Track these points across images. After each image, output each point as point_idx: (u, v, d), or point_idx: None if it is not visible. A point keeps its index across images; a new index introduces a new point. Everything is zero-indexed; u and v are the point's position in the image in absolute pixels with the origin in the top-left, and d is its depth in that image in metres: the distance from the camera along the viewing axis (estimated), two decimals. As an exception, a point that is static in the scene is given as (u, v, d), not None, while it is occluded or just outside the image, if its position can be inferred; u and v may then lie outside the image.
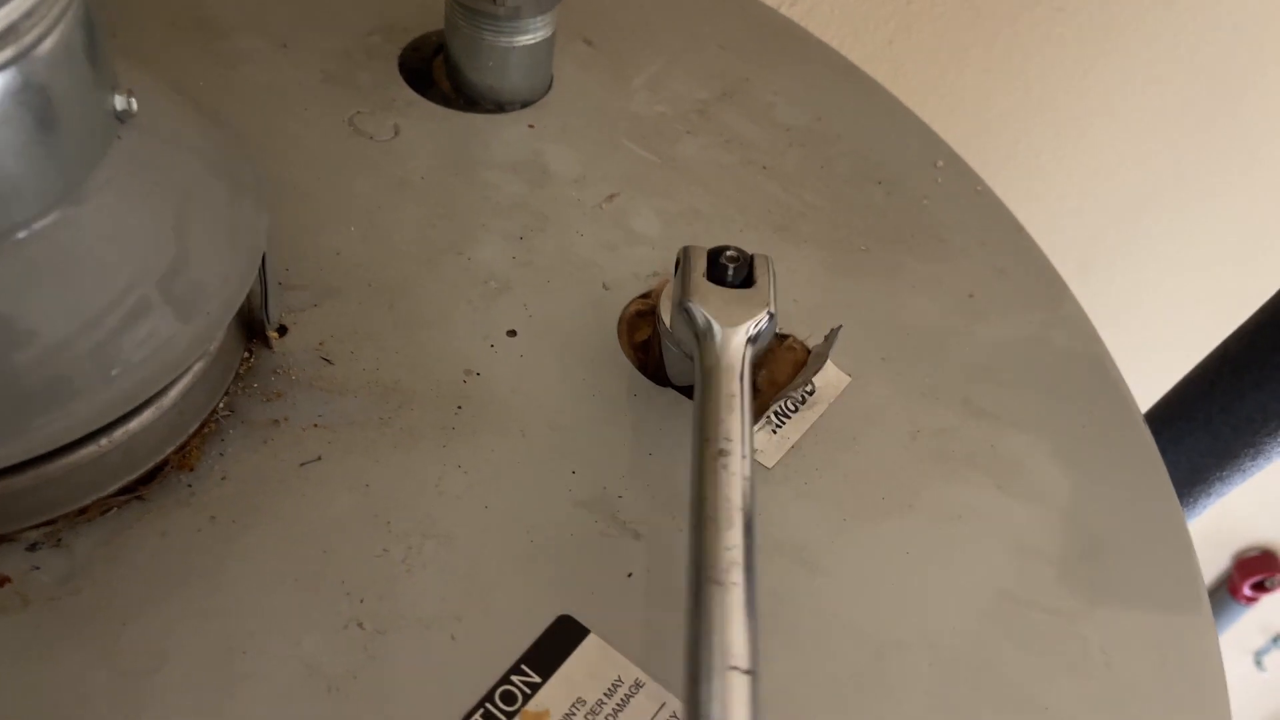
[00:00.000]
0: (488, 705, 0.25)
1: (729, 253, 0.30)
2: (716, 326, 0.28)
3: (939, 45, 0.61)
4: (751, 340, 0.28)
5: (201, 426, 0.28)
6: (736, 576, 0.23)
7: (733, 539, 0.23)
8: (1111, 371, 0.36)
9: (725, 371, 0.27)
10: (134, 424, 0.26)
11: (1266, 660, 1.31)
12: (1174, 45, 0.70)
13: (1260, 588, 1.20)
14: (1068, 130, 0.72)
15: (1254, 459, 0.38)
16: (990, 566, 0.30)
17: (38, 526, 0.26)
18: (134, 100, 0.25)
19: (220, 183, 0.27)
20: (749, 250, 0.31)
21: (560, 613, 0.27)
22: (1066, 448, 0.33)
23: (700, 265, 0.30)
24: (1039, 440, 0.33)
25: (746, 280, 0.30)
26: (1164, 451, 0.34)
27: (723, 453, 0.25)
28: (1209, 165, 0.80)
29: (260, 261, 0.28)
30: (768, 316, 0.29)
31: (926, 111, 0.44)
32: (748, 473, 0.25)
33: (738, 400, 0.26)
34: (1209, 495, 0.40)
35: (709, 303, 0.29)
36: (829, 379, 0.33)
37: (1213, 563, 1.20)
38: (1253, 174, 0.80)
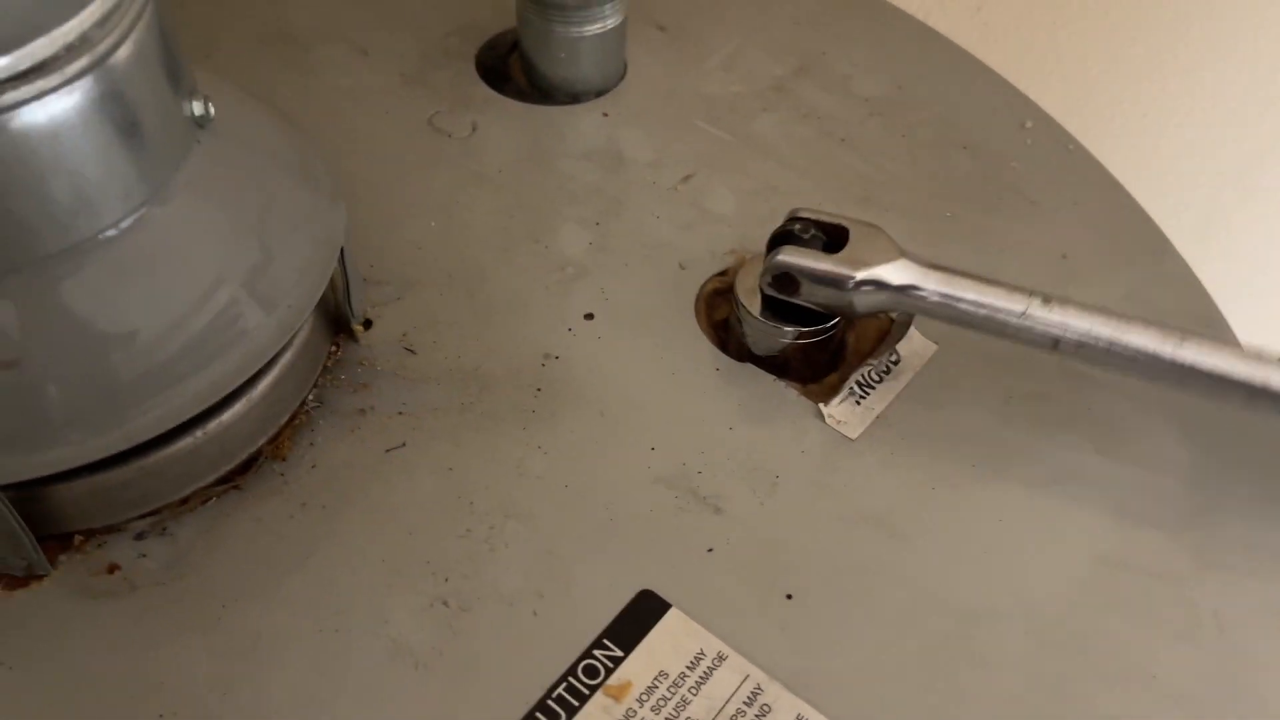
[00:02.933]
0: (570, 679, 0.25)
1: (797, 221, 0.30)
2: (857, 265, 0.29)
3: (1028, 8, 0.59)
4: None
5: (292, 418, 0.30)
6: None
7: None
8: (1221, 329, 0.34)
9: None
10: (226, 415, 0.27)
11: None
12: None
13: None
14: (1174, 86, 0.68)
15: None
16: (1090, 532, 0.29)
17: (143, 516, 0.28)
18: (210, 105, 0.26)
19: (297, 181, 0.28)
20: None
21: (641, 587, 0.27)
22: (1171, 409, 0.32)
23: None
24: (1141, 402, 0.32)
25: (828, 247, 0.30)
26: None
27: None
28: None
29: (339, 255, 0.29)
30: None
31: (1019, 78, 0.43)
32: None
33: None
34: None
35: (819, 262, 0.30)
36: (914, 348, 0.33)
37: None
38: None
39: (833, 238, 0.30)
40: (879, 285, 0.30)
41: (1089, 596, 0.28)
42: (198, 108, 0.25)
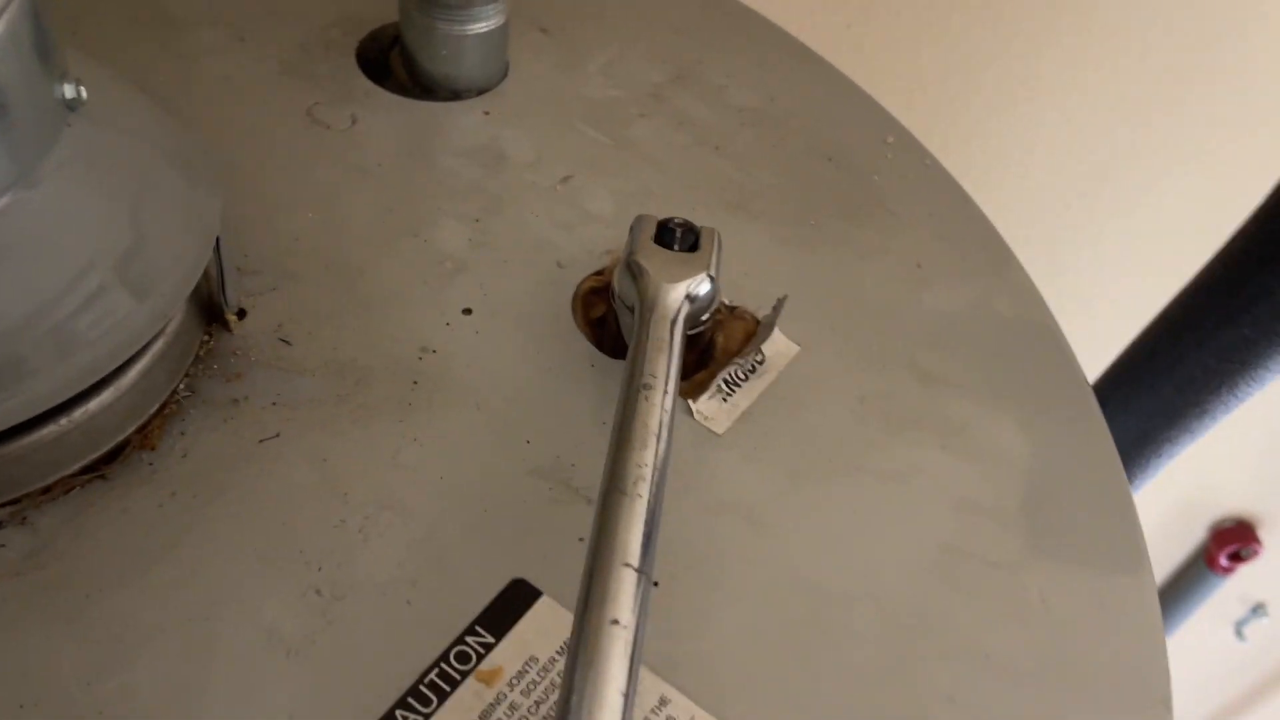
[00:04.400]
0: (443, 665, 0.26)
1: (676, 220, 0.32)
2: (656, 281, 0.30)
3: (896, 27, 0.62)
4: (690, 299, 0.30)
5: (162, 407, 0.29)
6: (642, 490, 0.24)
7: (644, 459, 0.25)
8: (1056, 336, 0.37)
9: (658, 321, 0.29)
10: (93, 404, 0.27)
11: (1246, 630, 1.33)
12: (1125, 24, 0.71)
13: (1236, 558, 1.21)
14: (1025, 109, 0.73)
15: (1199, 418, 0.39)
16: (934, 522, 0.31)
17: (3, 505, 0.27)
18: (83, 89, 0.25)
19: (172, 167, 0.28)
20: (699, 224, 0.32)
21: (514, 576, 0.28)
22: (1011, 410, 0.34)
23: (649, 231, 0.32)
24: (984, 403, 0.34)
25: (692, 248, 0.32)
26: (1113, 417, 0.35)
27: (646, 386, 0.27)
28: (1164, 142, 0.81)
29: (215, 244, 0.29)
30: (707, 280, 0.30)
31: (886, 94, 0.45)
32: (668, 407, 0.27)
33: (666, 344, 0.28)
34: (1159, 456, 0.41)
35: (652, 262, 0.30)
36: (778, 348, 0.34)
37: (1188, 535, 1.21)
38: (1206, 151, 0.81)
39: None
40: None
41: (932, 581, 0.30)
42: (69, 91, 0.25)
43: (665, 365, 0.28)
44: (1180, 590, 1.27)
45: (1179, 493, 1.13)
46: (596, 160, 0.39)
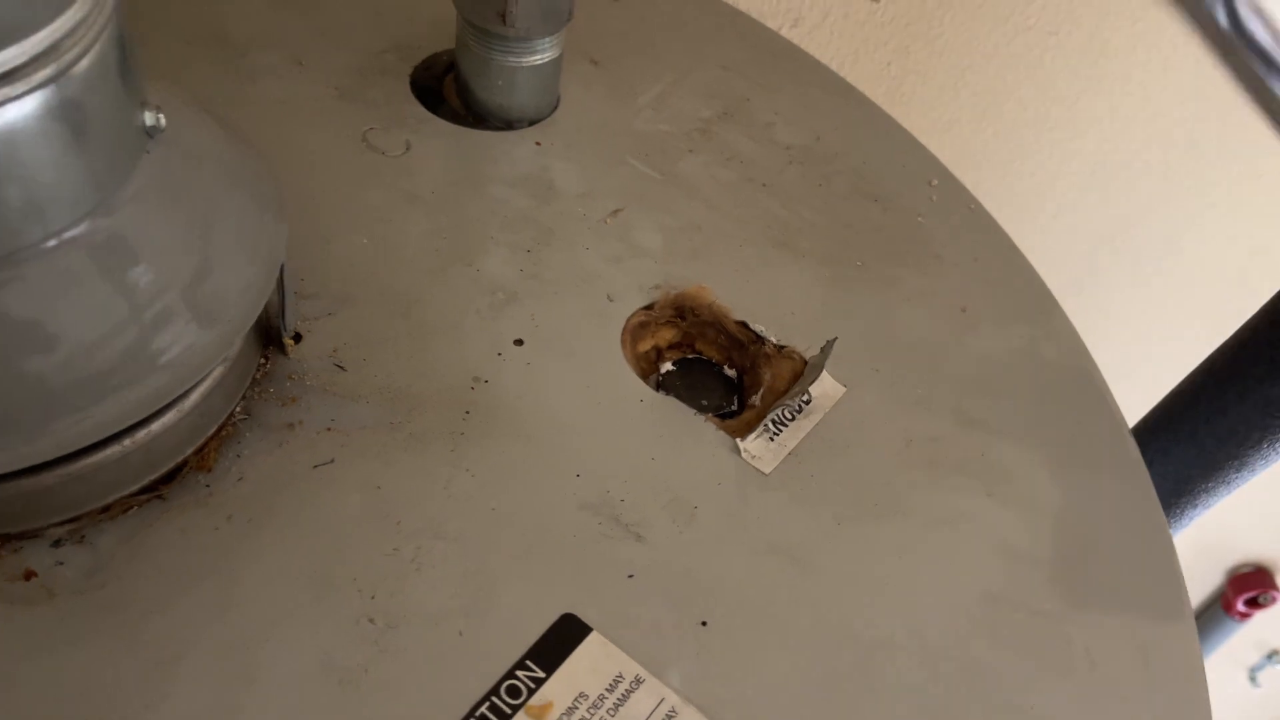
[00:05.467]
0: (493, 698, 0.26)
1: None
2: None
3: (936, 68, 0.62)
4: None
5: (219, 429, 0.30)
6: None
7: None
8: (1099, 384, 0.37)
9: None
10: (156, 425, 0.27)
11: (1261, 677, 1.32)
12: (1163, 70, 0.71)
13: (1254, 604, 1.21)
14: (1060, 150, 0.73)
15: (1238, 470, 0.39)
16: (978, 569, 0.31)
17: (63, 523, 0.27)
18: (162, 117, 0.26)
19: (243, 195, 0.28)
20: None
21: (564, 611, 0.28)
22: (1054, 456, 0.34)
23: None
24: (1027, 449, 0.34)
25: None
26: (1151, 464, 0.36)
27: None
28: (1199, 185, 0.81)
29: (279, 272, 0.29)
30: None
31: (923, 131, 0.46)
32: None
33: None
34: (1195, 506, 0.41)
35: None
36: (825, 389, 0.35)
37: (1206, 579, 1.21)
38: (1241, 192, 0.81)
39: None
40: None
41: (976, 630, 0.30)
42: (150, 119, 0.25)
43: None
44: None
45: (1197, 536, 1.12)
46: (645, 194, 0.39)
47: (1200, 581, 1.21)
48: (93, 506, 0.27)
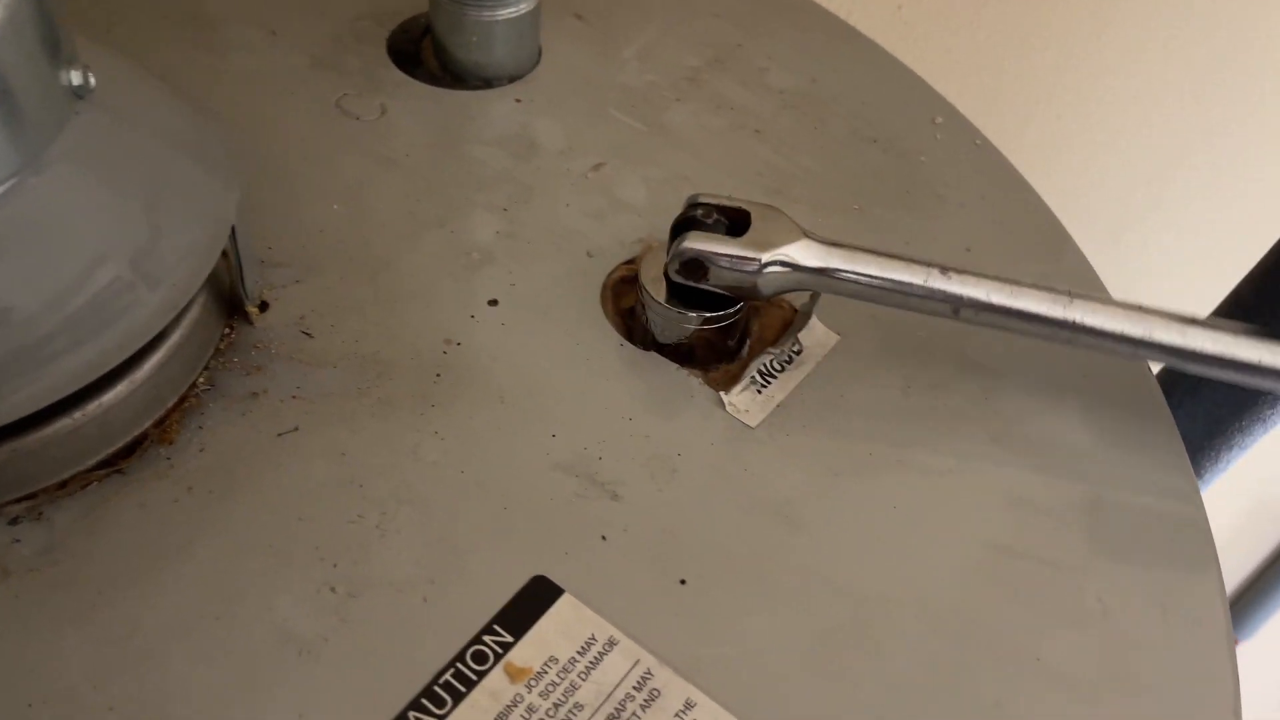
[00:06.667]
0: (459, 664, 0.25)
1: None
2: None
3: (948, 10, 0.60)
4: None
5: (180, 400, 0.29)
6: None
7: None
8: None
9: None
10: (107, 396, 0.27)
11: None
12: (1186, 2, 0.67)
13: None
14: (1087, 91, 0.70)
15: (1273, 406, 0.37)
16: (982, 519, 0.29)
17: (18, 500, 0.27)
18: (91, 76, 0.25)
19: (186, 157, 0.27)
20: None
21: (535, 573, 0.27)
22: (1067, 401, 0.32)
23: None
24: (1038, 394, 0.32)
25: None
26: (1180, 404, 0.33)
27: None
28: (1236, 120, 0.77)
29: (230, 234, 0.28)
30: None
31: (939, 78, 0.43)
32: None
33: None
34: (1230, 447, 0.38)
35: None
36: (817, 338, 0.33)
37: (1267, 535, 1.16)
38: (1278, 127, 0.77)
39: (734, 221, 0.30)
40: (785, 265, 0.30)
41: (980, 582, 0.28)
42: (76, 77, 0.25)
43: None
44: (1258, 593, 1.21)
45: (1257, 490, 1.08)
46: (629, 147, 0.38)
47: (1260, 539, 1.16)
48: (50, 483, 0.27)
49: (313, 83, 0.38)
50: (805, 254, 0.30)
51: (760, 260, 0.30)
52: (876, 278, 0.29)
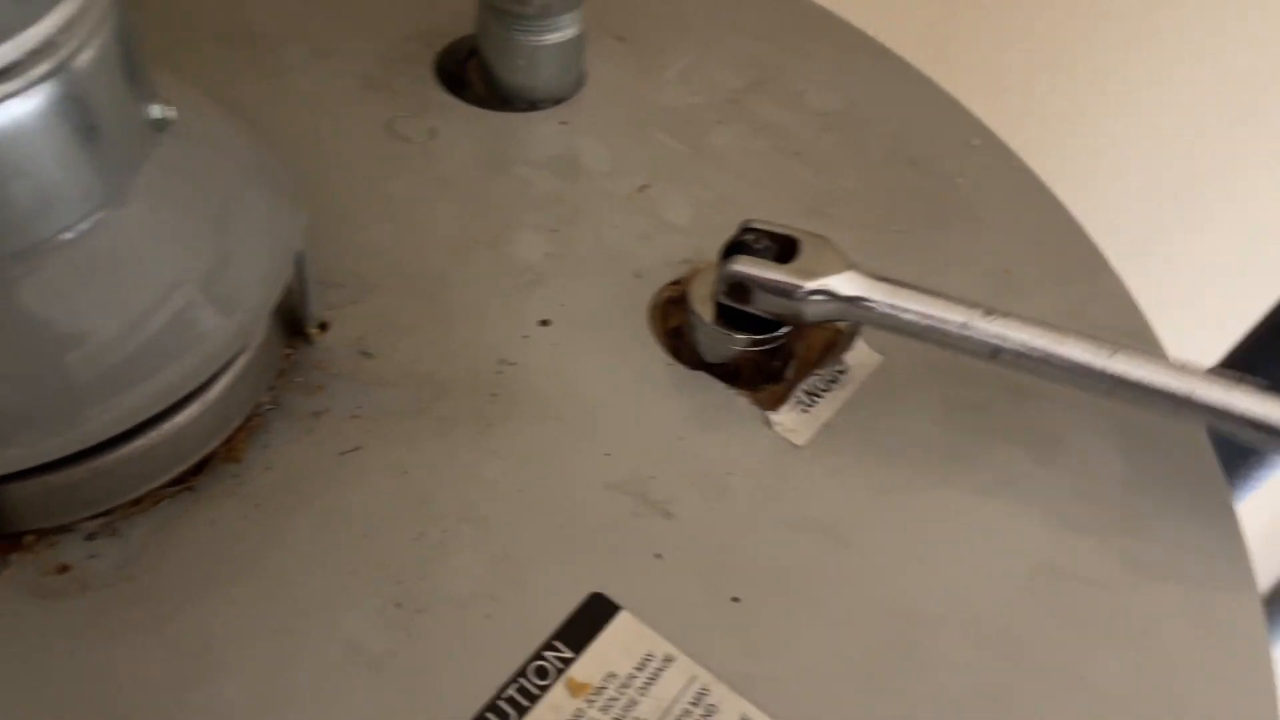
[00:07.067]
0: (521, 680, 0.26)
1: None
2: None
3: (982, 26, 0.60)
4: None
5: (247, 420, 0.30)
6: None
7: None
8: (1150, 342, 0.36)
9: None
10: (180, 417, 0.27)
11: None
12: (1221, 15, 0.68)
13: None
14: (1119, 107, 0.70)
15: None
16: (1027, 539, 0.30)
17: (95, 517, 0.28)
18: (171, 110, 0.26)
19: (257, 185, 0.28)
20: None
21: (592, 590, 0.28)
22: (1106, 421, 0.33)
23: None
24: (1078, 414, 0.33)
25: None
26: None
27: None
28: (1269, 135, 0.77)
29: (297, 259, 0.29)
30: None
31: (972, 95, 0.44)
32: None
33: None
34: (1262, 465, 0.39)
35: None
36: (860, 358, 0.34)
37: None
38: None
39: (784, 248, 0.31)
40: (828, 295, 0.30)
41: (1026, 602, 0.29)
42: (157, 111, 0.25)
43: None
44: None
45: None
46: (674, 168, 0.39)
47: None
48: (124, 499, 0.28)
49: (364, 104, 0.39)
50: (849, 285, 0.30)
51: (804, 288, 0.30)
52: (920, 313, 0.30)
